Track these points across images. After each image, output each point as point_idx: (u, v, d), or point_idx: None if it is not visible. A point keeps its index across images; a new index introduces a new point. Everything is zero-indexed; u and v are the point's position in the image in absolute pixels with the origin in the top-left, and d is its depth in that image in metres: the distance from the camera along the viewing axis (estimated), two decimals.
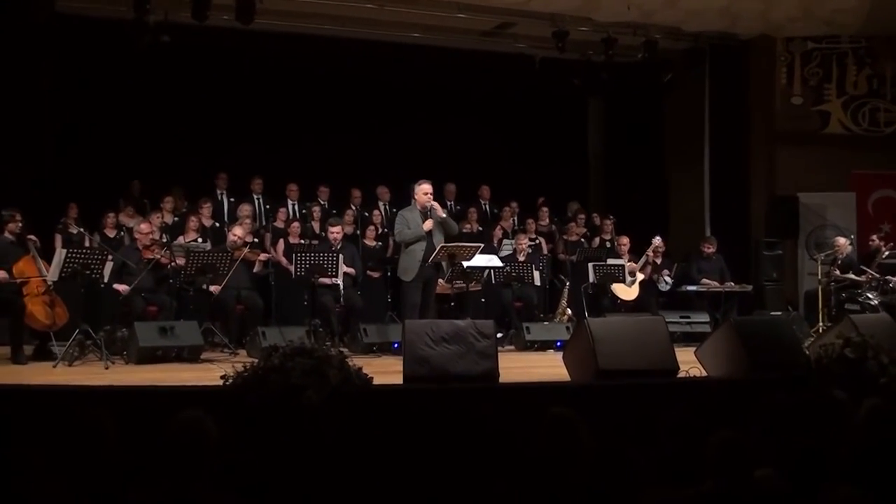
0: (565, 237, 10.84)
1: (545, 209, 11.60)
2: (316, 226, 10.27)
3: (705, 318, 9.52)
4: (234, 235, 8.60)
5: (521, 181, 12.30)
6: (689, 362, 5.87)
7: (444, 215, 7.51)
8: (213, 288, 8.22)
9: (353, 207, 10.75)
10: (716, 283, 10.20)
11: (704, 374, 5.76)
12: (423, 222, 7.42)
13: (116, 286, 7.65)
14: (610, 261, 10.07)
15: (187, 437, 3.04)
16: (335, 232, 8.85)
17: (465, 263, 8.15)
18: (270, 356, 4.72)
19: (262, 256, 8.69)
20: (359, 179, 11.24)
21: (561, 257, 10.92)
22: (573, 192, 12.54)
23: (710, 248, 10.44)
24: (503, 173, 12.27)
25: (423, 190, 7.54)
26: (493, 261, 9.01)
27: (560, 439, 3.33)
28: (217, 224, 9.89)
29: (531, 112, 12.71)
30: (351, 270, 8.97)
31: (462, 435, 4.65)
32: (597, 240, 11.18)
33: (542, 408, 3.57)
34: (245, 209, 9.92)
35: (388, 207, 11.05)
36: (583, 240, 11.13)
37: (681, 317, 9.44)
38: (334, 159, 11.40)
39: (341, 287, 8.71)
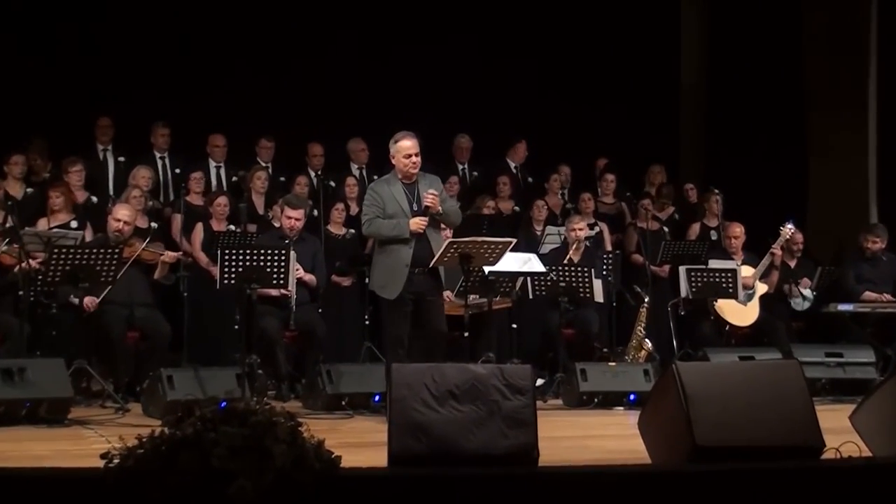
0: (641, 224, 10.93)
1: (610, 178, 11.73)
2: (257, 202, 10.41)
3: (868, 355, 9.61)
4: (118, 220, 8.70)
5: (574, 134, 12.40)
6: (841, 432, 5.84)
7: (441, 210, 7.53)
8: (87, 301, 8.28)
9: (312, 172, 10.92)
10: (888, 298, 10.30)
11: (866, 452, 5.76)
12: (407, 203, 7.52)
13: None
14: (713, 262, 10.13)
15: None
16: (292, 217, 8.95)
17: (487, 269, 8.18)
18: (181, 421, 4.70)
19: (168, 255, 8.75)
20: (320, 128, 11.42)
21: (636, 258, 11.02)
22: (655, 151, 12.67)
23: (876, 244, 10.53)
24: (546, 121, 12.37)
25: (404, 149, 7.55)
26: (530, 263, 9.04)
27: None
28: (96, 199, 10.05)
29: (589, 25, 12.86)
30: (309, 277, 9.06)
31: None
32: (693, 228, 11.27)
33: None
34: (140, 175, 10.04)
35: (365, 173, 11.21)
36: (666, 228, 11.25)
37: (828, 354, 9.51)
38: (281, 95, 11.65)
39: (293, 303, 8.77)
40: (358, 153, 11.29)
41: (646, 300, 10.06)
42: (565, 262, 9.79)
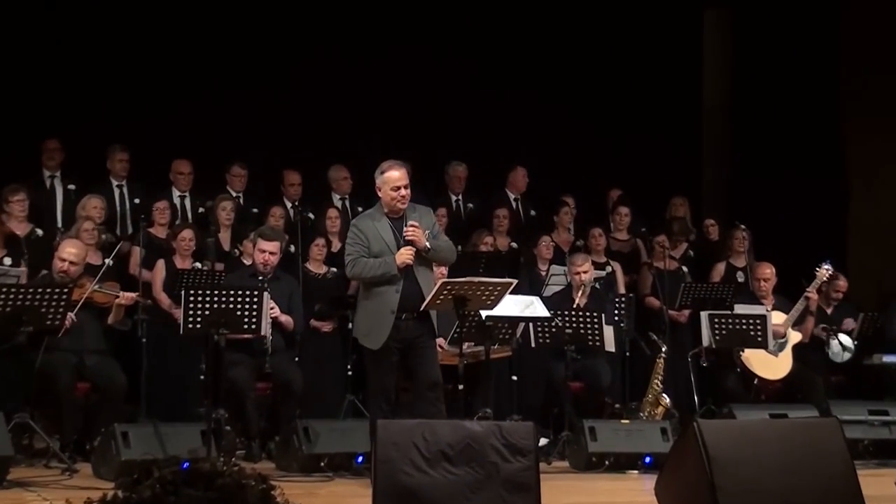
0: (657, 263, 10.96)
1: (624, 211, 11.72)
2: (223, 237, 10.40)
3: None
4: (63, 261, 8.67)
5: (582, 162, 12.38)
6: (886, 501, 5.82)
7: (428, 245, 7.53)
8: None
9: (288, 203, 10.93)
10: None
11: None
12: (395, 240, 7.51)
13: None
14: (740, 307, 10.09)
15: None
16: (266, 251, 8.95)
17: (485, 313, 8.15)
18: (137, 483, 4.66)
19: (125, 297, 8.72)
20: (298, 154, 11.44)
21: (652, 302, 11.00)
22: (674, 181, 12.66)
23: None
24: (551, 147, 12.38)
25: (391, 181, 7.56)
26: (533, 307, 8.94)
27: None
28: (41, 232, 9.98)
29: (597, 39, 12.91)
30: (286, 319, 9.04)
31: None
32: (717, 269, 11.26)
33: None
34: (91, 206, 10.00)
35: (348, 204, 11.21)
36: (684, 268, 11.21)
37: (871, 412, 9.45)
38: (255, 117, 11.67)
39: (269, 348, 8.77)
40: (340, 182, 11.26)
41: (663, 349, 10.02)
42: (573, 306, 9.78)
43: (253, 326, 8.16)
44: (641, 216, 11.90)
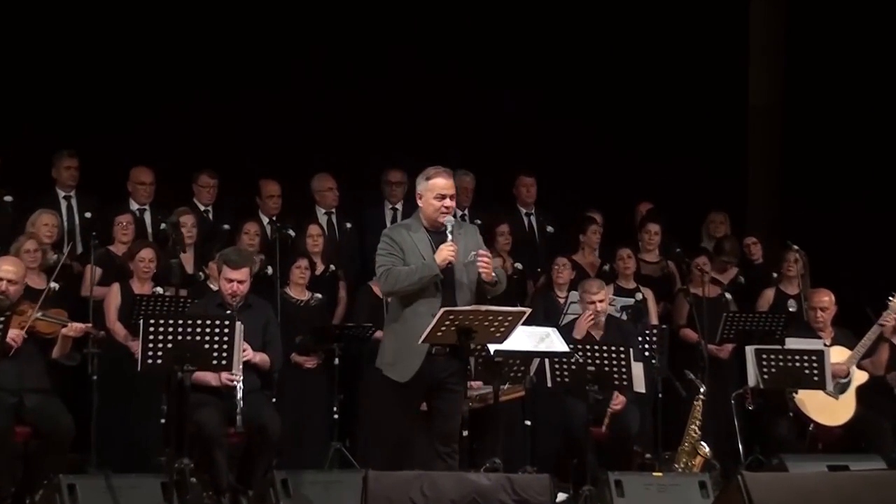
0: (695, 290, 10.97)
1: (654, 229, 11.68)
2: (187, 260, 10.35)
3: None
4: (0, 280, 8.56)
5: (606, 169, 12.48)
6: None
7: (494, 276, 7.56)
8: (12, 336, 8.23)
9: (265, 218, 11.01)
10: None
11: None
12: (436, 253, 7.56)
13: None
14: (792, 341, 10.00)
15: None
16: (233, 280, 8.91)
17: (493, 347, 8.00)
18: None
19: (73, 328, 8.65)
20: (277, 162, 11.53)
21: (688, 334, 10.97)
22: (714, 194, 12.69)
23: None
24: (568, 155, 12.48)
25: (437, 189, 7.60)
26: (549, 340, 8.80)
27: None
28: None
29: (627, 30, 12.99)
30: (261, 357, 8.96)
31: None
32: (765, 296, 11.27)
33: None
34: (42, 223, 10.00)
35: (335, 219, 11.30)
36: (727, 295, 11.21)
37: None
38: (228, 120, 11.75)
39: (240, 393, 8.65)
40: (325, 194, 11.29)
41: (702, 390, 10.01)
42: (582, 338, 9.80)
43: (223, 362, 8.18)
44: (675, 234, 11.93)
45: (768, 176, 13.75)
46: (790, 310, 10.97)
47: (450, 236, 7.46)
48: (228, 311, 8.69)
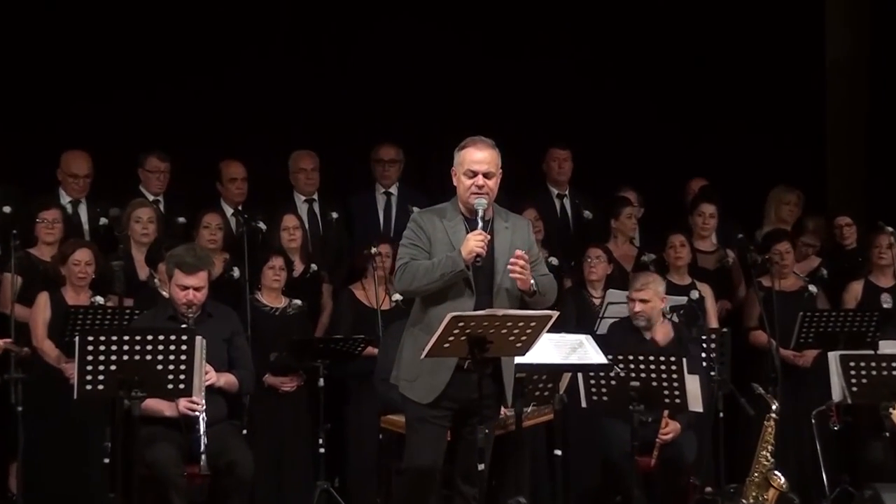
0: (766, 284, 10.99)
1: (710, 210, 11.65)
2: (137, 259, 10.37)
3: None
4: None
5: (650, 140, 12.59)
6: None
7: (532, 284, 7.53)
8: None
9: (228, 208, 11.04)
10: None
11: None
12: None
13: None
14: (888, 345, 10.04)
15: None
16: (188, 287, 8.83)
17: (517, 360, 7.92)
18: None
19: None
20: (242, 138, 11.60)
21: (757, 338, 10.97)
22: (784, 168, 12.72)
23: None
24: (608, 123, 12.56)
25: (467, 161, 7.67)
26: (582, 351, 8.81)
27: None
28: None
29: None
30: (227, 380, 8.92)
31: None
32: (852, 290, 11.26)
33: None
34: None
35: (317, 208, 11.32)
36: (812, 288, 11.18)
37: None
38: (181, 93, 11.80)
39: (202, 424, 8.62)
40: (304, 176, 11.30)
41: (774, 407, 9.88)
42: (644, 345, 9.71)
43: (181, 386, 8.15)
44: (736, 217, 11.93)
45: (850, 146, 13.77)
46: (884, 306, 10.94)
47: (480, 223, 7.43)
48: (184, 325, 8.60)
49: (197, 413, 8.49)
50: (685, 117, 12.87)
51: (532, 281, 7.50)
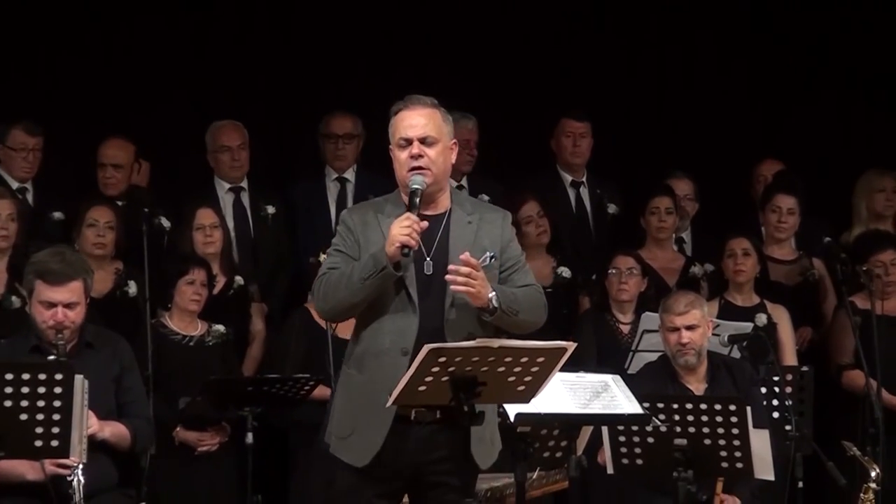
0: (862, 306, 11.06)
1: (787, 204, 11.68)
2: None
3: None
4: None
5: (701, 116, 12.69)
6: None
7: (492, 299, 7.34)
8: None
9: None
10: None
11: None
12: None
13: None
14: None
15: None
16: (56, 302, 8.70)
17: (515, 409, 7.90)
18: None
19: None
20: (138, 100, 11.73)
21: (851, 378, 10.96)
22: (875, 148, 12.86)
23: None
24: (639, 90, 12.75)
25: (397, 129, 7.59)
26: (606, 396, 8.76)
27: None
28: None
29: None
30: (113, 433, 8.78)
31: None
32: None
33: None
34: None
35: (246, 200, 11.39)
36: None
37: None
38: (59, 44, 11.95)
39: (78, 492, 8.40)
40: (228, 156, 11.34)
41: (873, 474, 9.91)
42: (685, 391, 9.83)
43: (52, 442, 8.03)
44: (818, 213, 11.97)
45: None
46: None
47: (415, 205, 7.36)
48: (53, 356, 8.51)
49: (71, 477, 8.30)
50: (754, 83, 13.01)
51: (491, 294, 7.29)
